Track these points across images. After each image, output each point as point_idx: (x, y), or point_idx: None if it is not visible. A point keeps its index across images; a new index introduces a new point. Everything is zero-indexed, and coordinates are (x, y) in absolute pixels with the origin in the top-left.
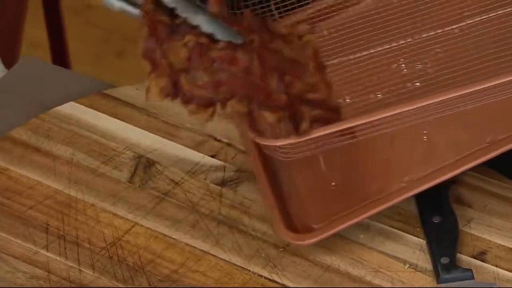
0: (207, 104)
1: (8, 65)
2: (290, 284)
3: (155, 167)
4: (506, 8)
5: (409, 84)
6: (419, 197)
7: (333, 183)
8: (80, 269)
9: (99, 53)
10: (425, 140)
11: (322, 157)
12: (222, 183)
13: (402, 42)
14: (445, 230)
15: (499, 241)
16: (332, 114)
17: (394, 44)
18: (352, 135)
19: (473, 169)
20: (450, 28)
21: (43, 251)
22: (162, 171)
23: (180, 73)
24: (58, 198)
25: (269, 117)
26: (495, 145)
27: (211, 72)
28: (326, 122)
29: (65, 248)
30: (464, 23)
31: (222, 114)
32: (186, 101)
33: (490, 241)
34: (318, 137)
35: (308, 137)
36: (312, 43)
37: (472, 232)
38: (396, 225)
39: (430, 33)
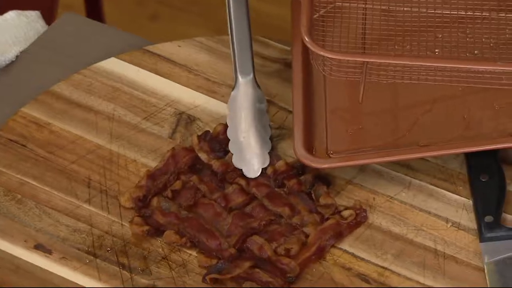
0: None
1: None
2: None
3: (196, 123)
4: None
5: (476, 51)
6: (468, 155)
7: (361, 125)
8: (122, 223)
9: (132, 16)
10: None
11: (360, 95)
12: None
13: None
14: (491, 188)
15: None
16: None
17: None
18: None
19: None
20: None
21: (85, 205)
22: (203, 127)
23: (157, 196)
24: (100, 153)
25: (200, 260)
26: None
27: (182, 209)
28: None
29: (107, 203)
30: None
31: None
32: (146, 220)
33: None
34: (363, 64)
35: (356, 59)
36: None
37: None
38: (438, 183)
39: (501, 15)
